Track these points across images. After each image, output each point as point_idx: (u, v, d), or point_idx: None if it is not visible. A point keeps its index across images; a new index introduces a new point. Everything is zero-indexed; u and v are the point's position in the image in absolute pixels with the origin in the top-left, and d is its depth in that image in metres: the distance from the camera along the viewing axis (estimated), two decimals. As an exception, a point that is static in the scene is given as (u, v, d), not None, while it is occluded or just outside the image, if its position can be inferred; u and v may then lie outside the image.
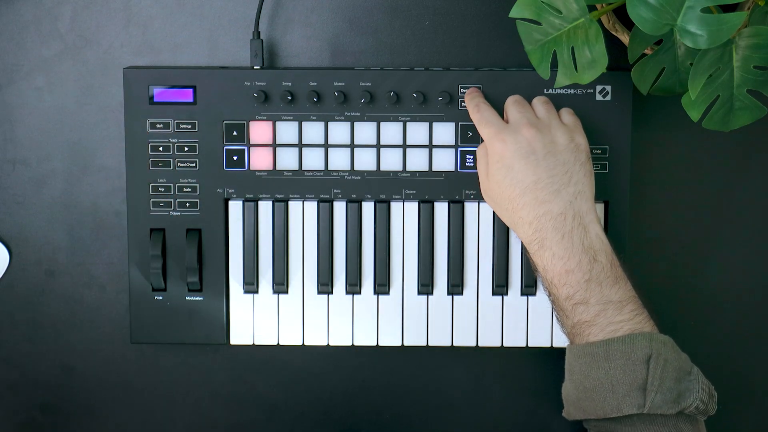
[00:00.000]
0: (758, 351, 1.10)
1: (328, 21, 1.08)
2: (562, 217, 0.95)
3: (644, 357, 0.91)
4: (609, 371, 0.92)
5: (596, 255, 0.95)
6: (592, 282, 0.94)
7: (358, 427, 1.10)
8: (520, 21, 0.93)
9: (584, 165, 0.98)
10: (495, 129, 0.98)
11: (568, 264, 0.94)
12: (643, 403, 0.91)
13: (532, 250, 0.97)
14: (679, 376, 0.91)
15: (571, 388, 0.96)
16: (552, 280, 0.96)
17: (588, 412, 0.94)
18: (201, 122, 1.04)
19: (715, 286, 1.09)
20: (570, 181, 0.96)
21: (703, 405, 0.91)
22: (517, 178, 0.96)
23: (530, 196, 0.96)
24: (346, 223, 1.05)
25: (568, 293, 0.94)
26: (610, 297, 0.94)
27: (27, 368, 1.11)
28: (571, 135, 0.98)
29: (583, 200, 0.96)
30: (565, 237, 0.95)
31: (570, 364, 0.96)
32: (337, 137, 1.05)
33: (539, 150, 0.97)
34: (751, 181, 1.09)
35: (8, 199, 1.09)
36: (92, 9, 1.07)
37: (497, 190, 0.98)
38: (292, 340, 1.06)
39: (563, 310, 0.96)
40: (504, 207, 0.99)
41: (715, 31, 0.83)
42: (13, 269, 1.10)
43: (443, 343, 1.06)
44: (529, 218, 0.96)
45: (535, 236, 0.96)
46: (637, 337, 0.92)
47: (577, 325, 0.95)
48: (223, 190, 1.05)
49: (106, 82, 1.08)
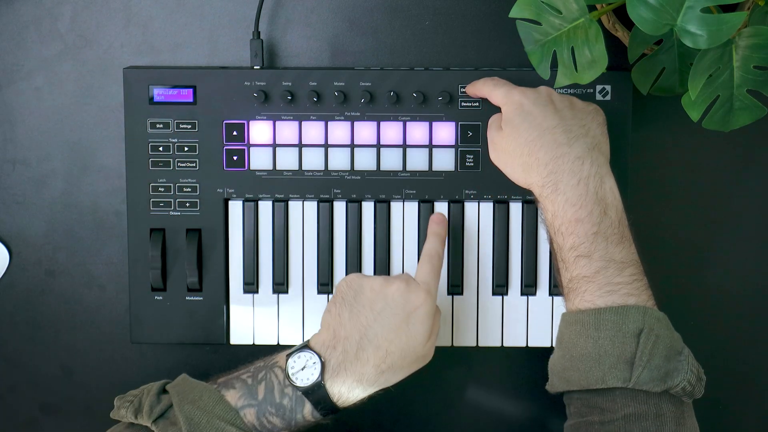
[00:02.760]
0: (758, 350, 1.10)
1: (328, 21, 1.08)
2: (579, 161, 0.94)
3: (636, 330, 0.90)
4: (598, 341, 0.91)
5: (607, 208, 0.94)
6: (599, 235, 0.93)
7: (358, 428, 1.10)
8: (520, 21, 0.93)
9: (601, 126, 0.98)
10: (512, 86, 0.99)
11: (580, 212, 0.93)
12: (629, 377, 0.89)
13: (545, 194, 0.95)
14: (669, 355, 0.90)
15: (558, 357, 0.95)
16: (560, 227, 0.95)
17: (571, 382, 0.93)
18: (201, 122, 1.04)
19: (715, 286, 1.09)
20: (588, 134, 0.96)
21: (690, 387, 0.90)
22: (536, 122, 0.96)
23: (549, 137, 0.95)
24: (346, 223, 1.05)
25: (573, 243, 0.94)
26: (614, 255, 0.93)
27: (27, 368, 1.11)
28: (587, 102, 0.99)
29: (600, 153, 0.96)
30: (581, 183, 0.94)
31: (560, 332, 0.95)
32: (337, 137, 1.05)
33: (557, 102, 0.97)
34: (751, 181, 1.09)
35: (8, 199, 1.09)
36: (92, 9, 1.07)
37: (513, 135, 0.97)
38: (292, 340, 1.06)
39: (564, 261, 0.95)
40: (518, 153, 0.97)
41: (715, 31, 0.83)
42: (13, 269, 1.10)
43: (443, 343, 1.06)
44: (546, 159, 0.95)
45: (550, 178, 0.95)
46: (631, 309, 0.91)
47: (575, 279, 0.94)
48: (223, 190, 1.05)
49: (106, 82, 1.08)
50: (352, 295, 0.95)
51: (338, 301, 0.95)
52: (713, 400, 1.08)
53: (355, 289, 0.95)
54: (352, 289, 0.95)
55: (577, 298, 0.94)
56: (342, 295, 0.95)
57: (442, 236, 1.01)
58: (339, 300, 0.95)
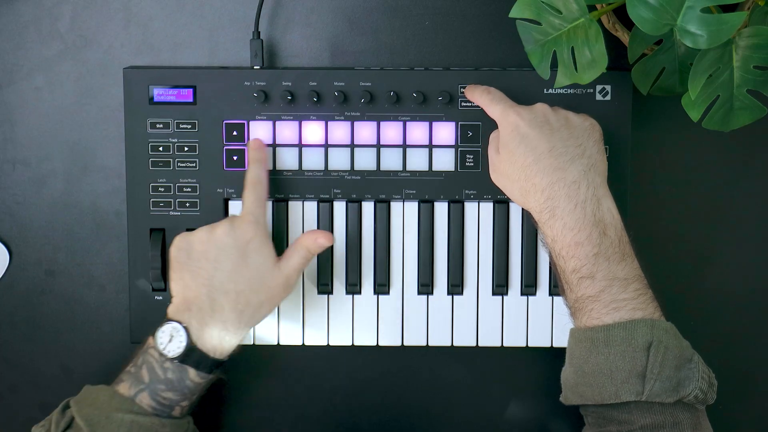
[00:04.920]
0: (758, 350, 1.10)
1: (328, 21, 1.08)
2: (575, 185, 0.95)
3: (645, 344, 0.91)
4: (609, 357, 0.91)
5: (606, 229, 0.94)
6: (600, 256, 0.93)
7: (358, 427, 1.10)
8: (520, 21, 0.93)
9: (598, 143, 0.98)
10: (509, 104, 0.99)
11: (579, 236, 0.94)
12: (642, 390, 0.90)
13: (543, 219, 0.96)
14: (679, 364, 0.91)
15: (570, 373, 0.96)
16: (560, 251, 0.95)
17: (586, 397, 0.94)
18: (201, 122, 1.04)
19: (715, 286, 1.09)
20: (584, 154, 0.96)
21: (702, 394, 0.91)
22: (531, 145, 0.96)
23: (545, 162, 0.95)
24: (346, 223, 1.05)
25: (575, 266, 0.94)
26: (617, 273, 0.93)
27: (27, 368, 1.11)
28: (584, 116, 0.99)
29: (597, 173, 0.96)
30: (578, 207, 0.94)
31: (570, 348, 0.96)
32: (337, 137, 1.05)
33: (553, 122, 0.97)
34: (751, 181, 1.09)
35: (8, 199, 1.09)
36: (92, 9, 1.07)
37: (510, 160, 0.98)
38: (292, 340, 1.06)
39: (568, 283, 0.95)
40: (516, 177, 0.98)
41: (715, 31, 0.83)
42: (13, 269, 1.10)
43: (443, 343, 1.06)
44: (543, 184, 0.95)
45: (547, 204, 0.95)
46: (639, 323, 0.92)
47: (580, 299, 0.94)
48: (223, 190, 1.05)
49: (106, 82, 1.08)
50: (185, 255, 0.97)
51: (176, 267, 0.98)
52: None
53: (186, 249, 0.98)
54: (183, 250, 0.98)
55: (584, 317, 0.94)
56: (177, 260, 0.98)
57: (263, 160, 1.03)
58: (176, 266, 0.98)
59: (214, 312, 0.96)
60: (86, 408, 0.94)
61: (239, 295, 0.96)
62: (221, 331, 0.96)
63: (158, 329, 0.96)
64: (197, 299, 0.96)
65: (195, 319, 0.96)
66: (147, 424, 0.94)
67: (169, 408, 0.96)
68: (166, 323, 0.96)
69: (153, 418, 0.95)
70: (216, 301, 0.96)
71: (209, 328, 0.96)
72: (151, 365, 0.96)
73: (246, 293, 0.96)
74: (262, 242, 0.98)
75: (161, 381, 0.95)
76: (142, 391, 0.95)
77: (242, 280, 0.96)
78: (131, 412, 0.94)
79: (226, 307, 0.96)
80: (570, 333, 0.96)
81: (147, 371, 0.96)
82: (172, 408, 0.96)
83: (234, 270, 0.96)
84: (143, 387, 0.95)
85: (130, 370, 0.97)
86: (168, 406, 0.96)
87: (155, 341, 0.96)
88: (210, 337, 0.96)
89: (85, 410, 0.94)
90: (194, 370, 0.96)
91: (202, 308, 0.96)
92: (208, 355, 0.96)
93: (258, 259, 0.97)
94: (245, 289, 0.96)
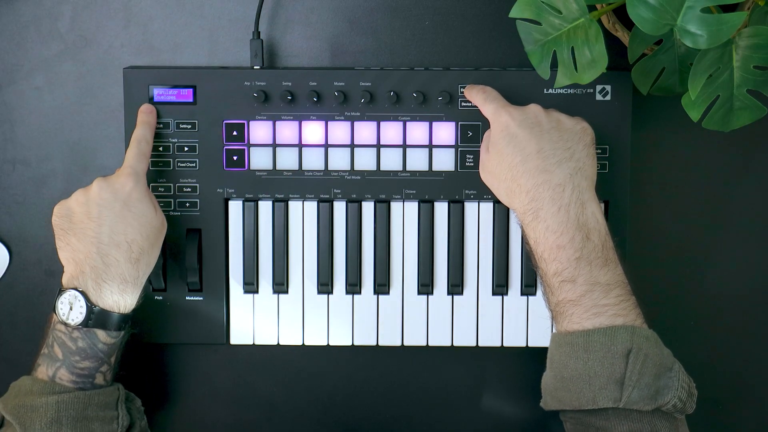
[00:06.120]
0: (758, 351, 1.10)
1: (328, 21, 1.08)
2: (560, 188, 0.95)
3: (624, 351, 0.90)
4: (587, 362, 0.91)
5: (589, 233, 0.94)
6: (582, 260, 0.93)
7: (358, 427, 1.10)
8: (520, 21, 0.93)
9: (588, 147, 0.97)
10: (502, 103, 0.99)
11: (561, 239, 0.94)
12: (620, 397, 0.90)
13: (526, 221, 0.96)
14: (658, 372, 0.91)
15: (550, 377, 0.96)
16: (542, 254, 0.95)
17: (564, 402, 0.94)
18: (201, 122, 1.04)
19: (715, 286, 1.09)
20: (572, 157, 0.96)
21: (681, 403, 0.90)
22: (520, 146, 0.96)
23: (532, 163, 0.96)
24: (346, 223, 1.05)
25: (557, 269, 0.94)
26: (598, 278, 0.93)
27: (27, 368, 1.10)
28: (576, 120, 0.99)
29: (583, 177, 0.96)
30: (561, 210, 0.94)
31: (551, 352, 0.96)
32: (337, 137, 1.05)
33: (544, 124, 0.97)
34: (751, 181, 1.09)
35: (8, 199, 1.09)
36: (92, 9, 1.08)
37: (498, 159, 0.98)
38: (292, 340, 1.06)
39: (550, 286, 0.95)
40: (503, 177, 0.98)
41: (715, 31, 0.83)
42: (13, 269, 1.10)
43: (443, 343, 1.06)
44: (528, 186, 0.96)
45: (531, 206, 0.95)
46: (619, 329, 0.91)
47: (561, 303, 0.94)
48: (223, 190, 1.05)
49: (106, 82, 1.08)
50: (66, 221, 0.98)
51: (60, 235, 0.98)
52: (713, 400, 1.08)
53: (66, 215, 0.98)
54: (63, 216, 0.98)
55: (565, 321, 0.94)
56: (59, 228, 0.98)
57: (152, 124, 1.03)
58: (60, 233, 0.98)
59: (108, 267, 0.96)
60: (11, 402, 0.94)
61: (132, 244, 0.97)
62: (120, 285, 0.96)
63: (56, 301, 0.96)
64: (89, 259, 0.96)
65: (90, 279, 0.96)
66: (73, 400, 0.94)
67: (90, 377, 0.96)
68: (61, 294, 0.95)
69: (77, 393, 0.94)
70: (108, 256, 0.96)
71: (107, 284, 0.96)
72: (61, 340, 0.95)
73: (138, 241, 0.97)
74: (142, 192, 0.98)
75: (74, 352, 0.95)
76: (59, 368, 0.95)
77: (131, 230, 0.97)
78: (54, 393, 0.94)
79: (120, 259, 0.96)
80: (551, 338, 0.96)
81: (59, 347, 0.95)
82: (93, 377, 0.96)
83: (120, 222, 0.97)
84: (59, 364, 0.95)
85: (44, 352, 0.96)
86: (88, 375, 0.96)
87: (57, 314, 0.95)
88: (110, 293, 0.96)
89: (11, 404, 0.94)
90: (102, 331, 0.95)
91: (96, 267, 0.96)
92: (112, 312, 0.96)
93: (141, 207, 0.98)
94: (137, 238, 0.97)
